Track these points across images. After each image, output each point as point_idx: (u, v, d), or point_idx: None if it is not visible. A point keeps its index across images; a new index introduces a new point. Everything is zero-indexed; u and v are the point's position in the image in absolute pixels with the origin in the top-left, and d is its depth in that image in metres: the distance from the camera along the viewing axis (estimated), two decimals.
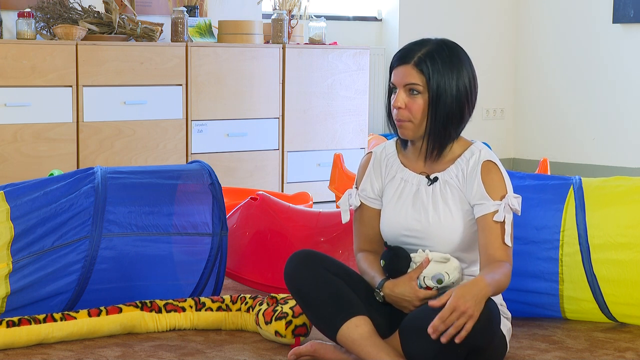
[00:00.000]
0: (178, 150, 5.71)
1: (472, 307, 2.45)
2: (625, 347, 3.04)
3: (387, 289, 2.72)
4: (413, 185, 2.80)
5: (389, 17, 7.52)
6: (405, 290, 2.69)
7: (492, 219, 2.68)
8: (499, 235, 2.67)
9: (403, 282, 2.70)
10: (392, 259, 2.73)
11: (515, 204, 2.69)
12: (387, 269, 2.74)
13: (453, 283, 2.68)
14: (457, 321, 2.44)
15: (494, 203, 2.69)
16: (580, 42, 7.51)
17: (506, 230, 2.67)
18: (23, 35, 5.34)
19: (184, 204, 3.31)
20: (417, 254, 2.72)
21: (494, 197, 2.70)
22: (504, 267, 2.64)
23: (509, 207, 2.68)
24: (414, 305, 2.68)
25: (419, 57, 2.72)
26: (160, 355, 2.91)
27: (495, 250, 2.67)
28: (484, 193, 2.71)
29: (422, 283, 2.68)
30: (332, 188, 5.32)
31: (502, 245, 2.67)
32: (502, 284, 2.61)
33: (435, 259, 2.68)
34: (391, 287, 2.71)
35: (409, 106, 2.72)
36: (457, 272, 2.70)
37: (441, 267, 2.67)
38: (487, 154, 2.76)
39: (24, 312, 3.08)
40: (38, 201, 3.15)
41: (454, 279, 2.68)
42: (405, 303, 2.70)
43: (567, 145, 7.65)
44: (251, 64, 5.93)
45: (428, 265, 2.68)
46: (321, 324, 2.73)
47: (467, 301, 2.45)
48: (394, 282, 2.72)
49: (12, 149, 5.20)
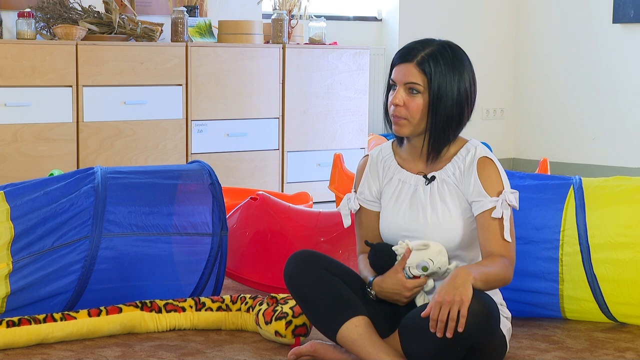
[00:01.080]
0: (178, 150, 5.71)
1: (455, 294, 2.46)
2: (625, 347, 3.04)
3: (377, 286, 2.73)
4: (411, 186, 2.80)
5: (389, 17, 7.52)
6: (393, 283, 2.69)
7: (490, 215, 2.68)
8: (497, 231, 2.68)
9: (389, 276, 2.71)
10: (374, 256, 2.74)
11: (513, 199, 2.69)
12: (374, 267, 2.75)
13: (439, 268, 2.68)
14: (450, 312, 2.46)
15: (491, 200, 2.69)
16: (580, 42, 7.51)
17: (505, 226, 2.67)
18: (23, 35, 5.34)
19: (184, 204, 3.31)
20: (399, 246, 2.72)
21: (491, 194, 2.70)
22: (498, 260, 2.64)
23: (506, 203, 2.68)
24: (405, 296, 2.69)
25: (422, 57, 2.71)
26: (160, 355, 2.91)
27: (494, 247, 2.67)
28: (481, 190, 2.70)
29: (409, 273, 2.68)
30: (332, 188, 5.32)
31: (501, 242, 2.67)
32: (493, 275, 2.60)
33: (415, 248, 2.68)
34: (379, 284, 2.73)
35: (407, 104, 2.72)
36: (442, 256, 2.68)
37: (423, 254, 2.67)
38: (483, 151, 2.76)
39: (24, 312, 3.08)
40: (38, 201, 3.15)
41: (440, 263, 2.67)
42: (396, 296, 2.70)
43: (567, 145, 7.65)
44: (251, 64, 5.93)
45: (410, 254, 2.68)
46: (321, 324, 2.73)
47: (448, 292, 2.47)
48: (381, 278, 2.73)
49: (12, 149, 5.20)
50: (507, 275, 2.65)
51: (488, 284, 2.59)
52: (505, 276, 2.64)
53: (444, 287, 2.49)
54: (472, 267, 2.56)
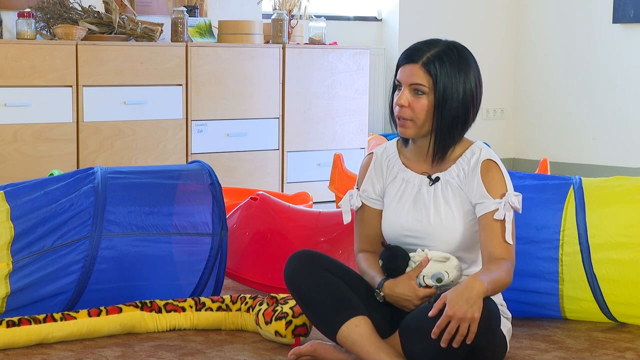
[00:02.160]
0: (178, 150, 5.71)
1: (468, 311, 2.46)
2: (625, 347, 3.04)
3: (387, 289, 2.72)
4: (415, 186, 2.79)
5: (389, 17, 7.52)
6: (405, 289, 2.69)
7: (492, 217, 2.69)
8: (499, 233, 2.68)
9: (403, 281, 2.70)
10: (390, 258, 2.73)
11: (516, 202, 2.69)
12: (386, 269, 2.74)
13: (452, 281, 2.69)
14: (460, 328, 2.45)
15: (494, 201, 2.69)
16: (580, 42, 7.51)
17: (507, 228, 2.68)
18: (23, 35, 5.34)
19: (184, 204, 3.31)
20: (417, 254, 2.72)
21: (494, 196, 2.70)
22: (502, 264, 2.64)
23: (509, 205, 2.68)
24: (414, 304, 2.69)
25: (428, 58, 2.71)
26: (160, 355, 2.91)
27: (495, 248, 2.67)
28: (484, 192, 2.71)
29: (422, 282, 2.68)
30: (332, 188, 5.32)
31: (503, 243, 2.68)
32: (500, 281, 2.61)
33: (434, 258, 2.69)
34: (391, 287, 2.71)
35: (412, 105, 2.71)
36: (457, 271, 2.70)
37: (441, 266, 2.68)
38: (487, 153, 2.76)
39: (24, 312, 3.08)
40: (38, 201, 3.15)
41: (453, 277, 2.69)
42: (405, 302, 2.70)
43: (567, 145, 7.65)
44: (251, 64, 5.93)
45: (428, 264, 2.68)
46: (321, 324, 2.73)
47: (461, 307, 2.46)
48: (393, 281, 2.72)
49: (12, 149, 5.20)
50: (509, 279, 2.66)
51: (495, 291, 2.60)
52: (507, 280, 2.65)
53: (456, 299, 2.47)
54: (484, 277, 2.55)
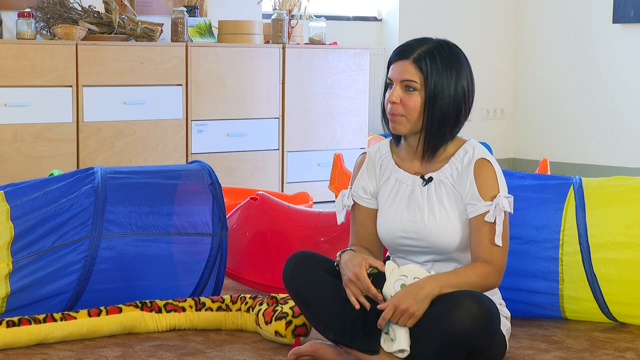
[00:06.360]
0: (178, 150, 5.71)
1: (412, 306, 2.54)
2: (625, 347, 3.04)
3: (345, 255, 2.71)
4: (408, 186, 2.78)
5: (389, 17, 7.52)
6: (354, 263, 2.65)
7: (482, 219, 2.68)
8: (487, 236, 2.67)
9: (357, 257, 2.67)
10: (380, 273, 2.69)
11: (506, 205, 2.67)
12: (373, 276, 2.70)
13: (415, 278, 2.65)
14: (400, 320, 2.55)
15: (485, 204, 2.68)
16: (580, 42, 7.51)
17: (497, 230, 2.66)
18: (23, 35, 5.34)
19: (184, 204, 3.31)
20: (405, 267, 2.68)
21: (486, 197, 2.69)
22: (478, 268, 2.64)
23: (499, 208, 2.67)
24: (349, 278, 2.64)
25: (419, 54, 2.70)
26: (160, 355, 2.91)
27: (481, 252, 2.67)
28: (476, 193, 2.69)
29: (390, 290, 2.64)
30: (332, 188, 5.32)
31: (490, 246, 2.67)
32: (468, 285, 2.60)
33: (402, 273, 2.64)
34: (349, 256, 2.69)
35: (404, 102, 2.71)
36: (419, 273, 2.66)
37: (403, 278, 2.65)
38: (481, 152, 2.74)
39: (24, 312, 3.08)
40: (38, 201, 3.15)
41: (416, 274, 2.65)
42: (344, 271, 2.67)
43: (567, 145, 7.65)
44: (251, 64, 5.93)
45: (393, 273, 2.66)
46: (320, 325, 2.73)
47: (406, 300, 2.54)
48: (353, 253, 2.70)
49: (12, 149, 5.20)
50: (487, 283, 2.65)
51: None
52: (483, 284, 2.64)
53: (406, 293, 2.56)
54: (444, 278, 2.60)
